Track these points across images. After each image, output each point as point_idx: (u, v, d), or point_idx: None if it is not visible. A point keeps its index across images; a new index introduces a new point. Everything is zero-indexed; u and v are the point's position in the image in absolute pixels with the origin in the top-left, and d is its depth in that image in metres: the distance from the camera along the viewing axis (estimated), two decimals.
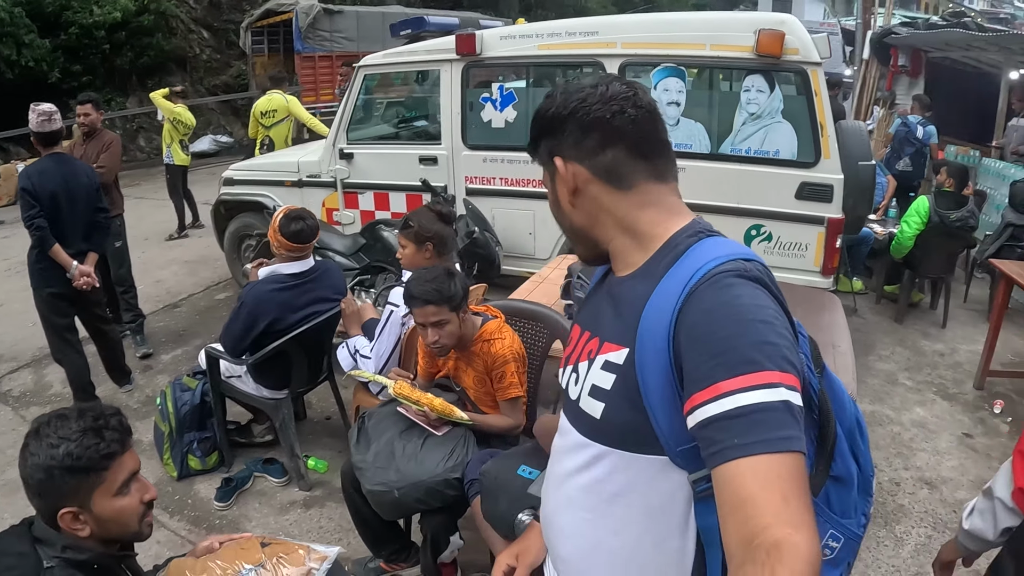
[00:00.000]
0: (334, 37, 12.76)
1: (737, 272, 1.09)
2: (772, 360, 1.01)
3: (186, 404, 3.85)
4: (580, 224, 1.32)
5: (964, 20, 10.50)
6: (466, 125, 5.34)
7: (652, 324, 1.14)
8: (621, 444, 1.22)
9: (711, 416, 1.01)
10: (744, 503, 0.96)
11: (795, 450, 0.98)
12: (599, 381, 1.23)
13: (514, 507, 2.18)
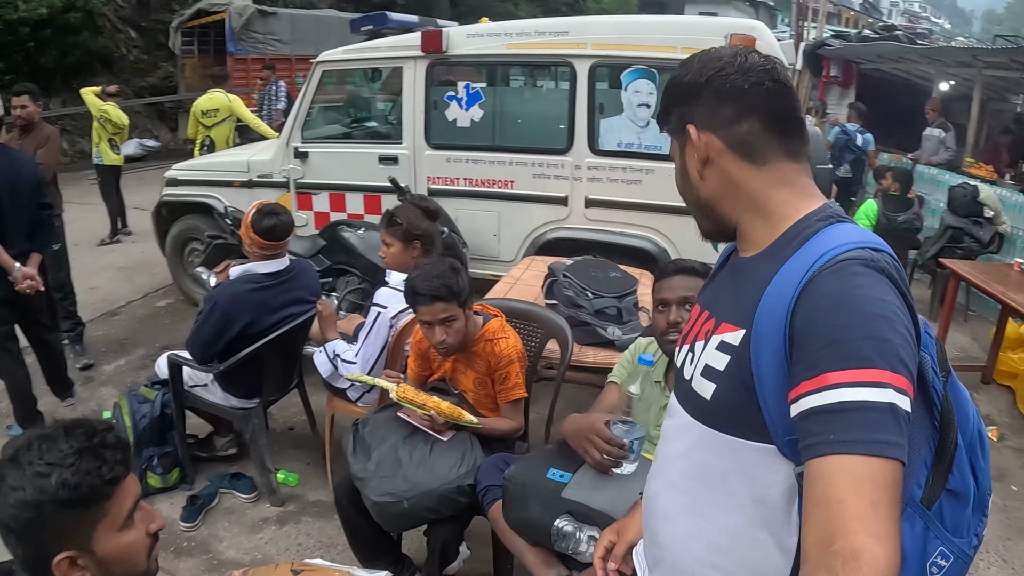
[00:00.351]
0: (267, 39, 12.43)
1: (863, 261, 1.03)
2: (885, 358, 0.96)
3: (145, 417, 3.54)
4: (707, 197, 1.25)
5: (896, 33, 10.87)
6: (430, 124, 5.17)
7: (771, 307, 1.09)
8: (728, 428, 1.17)
9: (813, 407, 0.98)
10: (830, 502, 0.93)
11: (894, 457, 0.93)
12: (713, 361, 1.19)
13: (548, 513, 2.10)
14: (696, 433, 1.24)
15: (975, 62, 9.02)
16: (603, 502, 2.06)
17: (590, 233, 5.03)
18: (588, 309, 3.40)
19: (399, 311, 3.24)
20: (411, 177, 5.22)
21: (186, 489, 3.61)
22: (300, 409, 4.13)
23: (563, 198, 5.04)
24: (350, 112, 7.04)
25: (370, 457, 2.59)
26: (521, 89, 6.92)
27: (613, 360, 3.26)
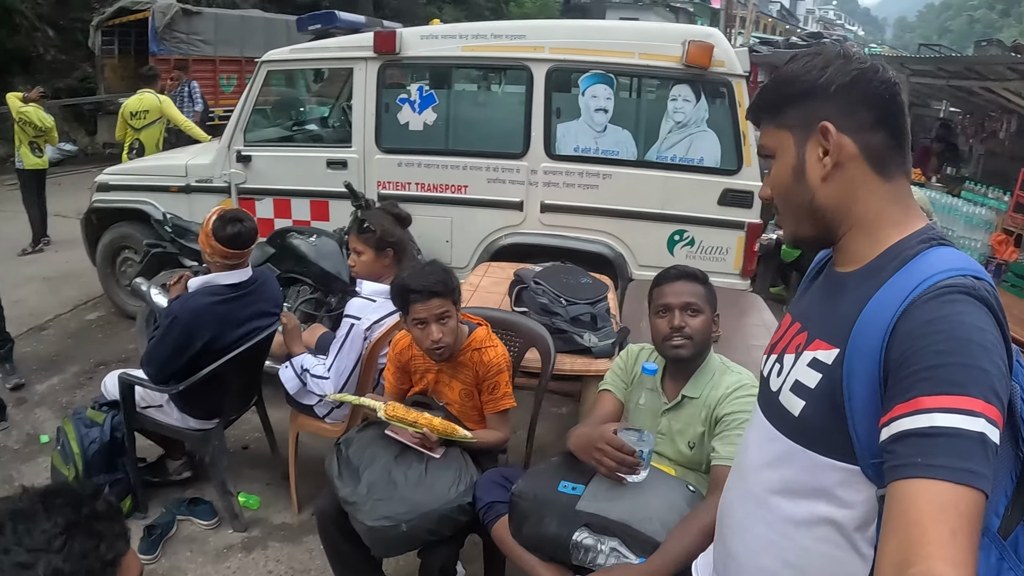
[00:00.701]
0: (191, 40, 11.97)
1: (964, 289, 1.03)
2: (979, 388, 0.96)
3: (95, 442, 3.26)
4: (823, 203, 1.21)
5: (823, 41, 11.18)
6: (381, 127, 5.01)
7: (868, 329, 1.09)
8: (814, 446, 1.18)
9: (903, 430, 0.98)
10: (910, 526, 0.92)
11: (979, 487, 0.92)
12: (803, 378, 1.20)
13: (565, 527, 2.04)
14: (780, 447, 1.24)
15: (903, 70, 9.32)
16: (621, 512, 2.01)
17: (546, 239, 4.97)
18: (564, 316, 3.33)
19: (373, 322, 3.10)
20: (361, 182, 5.04)
21: (140, 518, 3.36)
22: (253, 426, 3.95)
23: (518, 203, 4.96)
24: (296, 114, 6.81)
25: (360, 480, 2.44)
26: (476, 92, 6.83)
27: (590, 368, 3.23)
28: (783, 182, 1.25)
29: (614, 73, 4.74)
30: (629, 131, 4.85)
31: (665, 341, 2.31)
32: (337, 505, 2.50)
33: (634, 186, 4.79)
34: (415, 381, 2.86)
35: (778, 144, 1.24)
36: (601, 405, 2.47)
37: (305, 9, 19.20)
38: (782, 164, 1.24)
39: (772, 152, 1.25)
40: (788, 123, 1.22)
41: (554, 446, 4.14)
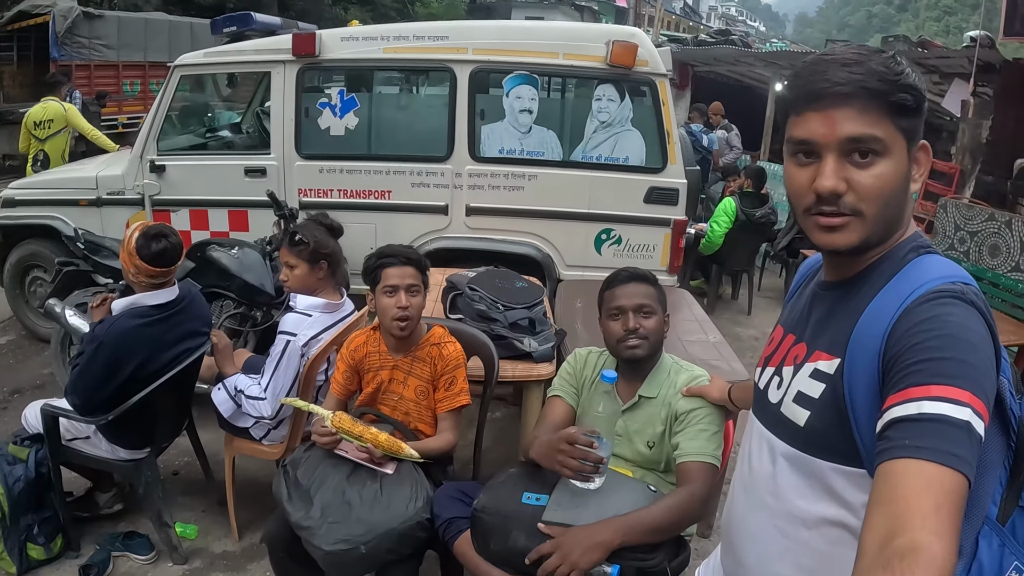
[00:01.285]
0: (93, 44, 11.46)
1: (954, 293, 1.10)
2: (966, 381, 1.00)
3: (19, 480, 3.05)
4: (903, 216, 1.24)
5: (731, 38, 11.47)
6: (301, 133, 4.89)
7: (865, 336, 1.15)
8: (821, 452, 1.22)
9: (893, 418, 1.01)
10: (896, 500, 0.95)
11: (962, 471, 0.95)
12: (807, 389, 1.24)
13: (534, 539, 2.04)
14: (788, 456, 1.28)
15: None
16: (588, 518, 2.02)
17: (472, 242, 4.96)
18: (503, 322, 3.30)
19: (310, 338, 3.02)
20: (281, 189, 4.91)
21: (72, 557, 3.19)
22: (182, 450, 3.79)
23: (443, 207, 4.92)
24: (209, 120, 6.58)
25: (312, 503, 2.37)
26: (398, 95, 6.73)
27: (532, 372, 3.22)
28: (893, 187, 1.17)
29: (538, 74, 4.77)
30: (554, 132, 4.88)
31: (620, 343, 2.34)
32: (288, 530, 2.43)
33: (560, 186, 4.82)
34: (367, 381, 2.82)
35: (892, 144, 1.15)
36: (552, 411, 2.47)
37: (209, 11, 18.72)
38: (896, 168, 1.16)
39: (876, 148, 1.14)
40: (903, 127, 1.16)
41: (493, 450, 4.13)
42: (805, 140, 1.18)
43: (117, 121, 11.55)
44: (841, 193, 1.15)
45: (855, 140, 1.13)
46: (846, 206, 1.16)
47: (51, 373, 4.73)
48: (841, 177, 1.15)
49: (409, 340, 2.76)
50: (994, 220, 6.44)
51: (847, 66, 1.14)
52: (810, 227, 1.22)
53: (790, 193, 1.25)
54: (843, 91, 1.13)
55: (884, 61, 1.15)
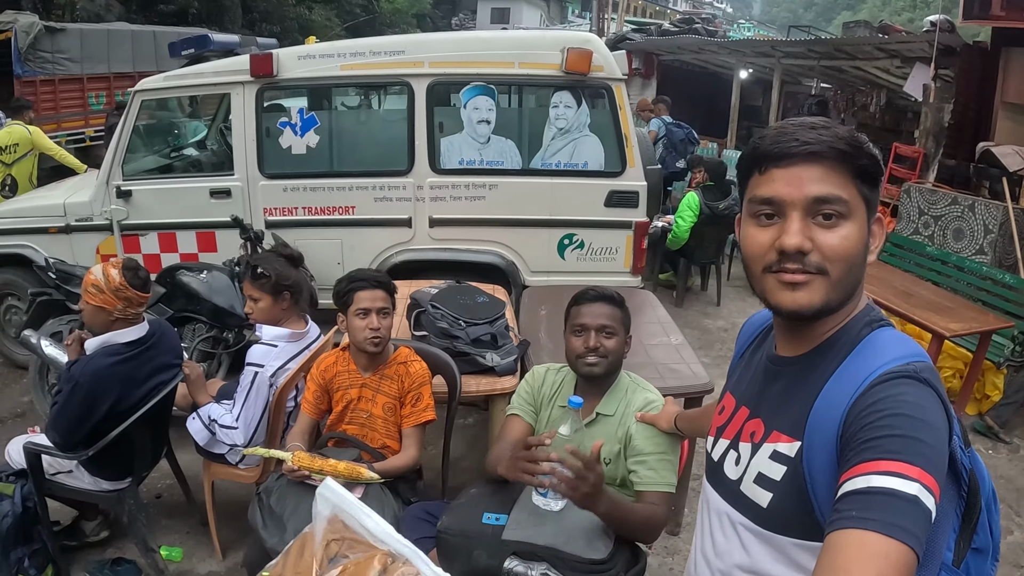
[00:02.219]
0: (56, 59, 11.34)
1: (907, 373, 1.11)
2: (916, 457, 1.01)
3: (7, 516, 3.14)
4: (860, 280, 1.23)
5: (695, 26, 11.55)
6: (263, 153, 4.96)
7: (823, 420, 1.16)
8: (785, 530, 1.23)
9: (844, 492, 1.03)
10: (838, 570, 0.96)
11: (909, 544, 0.96)
12: (767, 471, 1.25)
13: (495, 558, 2.14)
14: (751, 532, 1.28)
15: (774, 52, 9.72)
16: (547, 537, 2.12)
17: (436, 253, 5.07)
18: (464, 339, 3.42)
19: (277, 368, 3.13)
20: (246, 210, 5.00)
21: None
22: (164, 473, 3.87)
23: (407, 220, 5.03)
24: (173, 140, 6.61)
25: (285, 528, 2.50)
26: (358, 111, 6.79)
27: (496, 387, 3.33)
28: (857, 251, 1.17)
29: (495, 84, 4.85)
30: (513, 140, 4.97)
31: (579, 359, 2.45)
32: (265, 555, 2.54)
33: (521, 194, 4.94)
34: (337, 400, 2.96)
35: (856, 208, 1.16)
36: (510, 430, 2.58)
37: (171, 18, 18.64)
38: (859, 232, 1.17)
39: (841, 210, 1.15)
40: (865, 195, 1.18)
41: (466, 458, 4.26)
42: (770, 199, 1.17)
43: (85, 135, 11.49)
44: (807, 252, 1.15)
45: (821, 200, 1.14)
46: (811, 264, 1.15)
47: (30, 401, 4.79)
48: (806, 236, 1.15)
49: (378, 359, 2.92)
50: (957, 204, 6.59)
51: (815, 129, 1.16)
52: (770, 287, 1.20)
53: (747, 255, 1.23)
54: (812, 150, 1.14)
55: (848, 130, 1.19)
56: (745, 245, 1.23)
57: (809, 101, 12.38)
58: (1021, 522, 4.07)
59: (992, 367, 5.28)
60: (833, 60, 9.29)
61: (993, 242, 6.31)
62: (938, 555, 1.15)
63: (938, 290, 5.47)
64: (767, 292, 1.21)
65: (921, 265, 6.40)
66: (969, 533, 1.24)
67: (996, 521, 1.32)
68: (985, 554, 1.28)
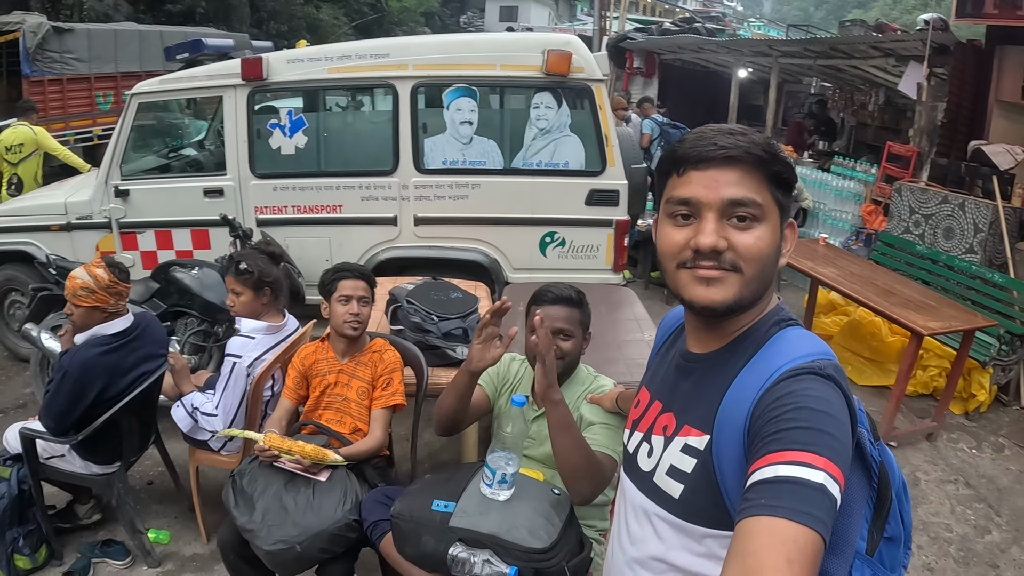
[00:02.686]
0: (64, 59, 11.54)
1: (811, 370, 1.16)
2: (821, 447, 1.05)
3: (3, 498, 3.35)
4: (771, 282, 1.28)
5: (695, 26, 11.61)
6: (254, 153, 5.12)
7: (731, 414, 1.20)
8: (697, 520, 1.27)
9: (752, 482, 1.06)
10: (748, 555, 0.98)
11: (816, 530, 0.99)
12: (678, 463, 1.29)
13: (441, 543, 2.25)
14: (665, 522, 1.33)
15: (772, 51, 9.77)
16: (490, 525, 2.22)
17: (421, 250, 5.21)
18: (436, 333, 3.58)
19: (255, 359, 3.30)
20: (238, 208, 5.18)
21: (56, 565, 3.50)
22: (156, 462, 4.06)
23: (392, 218, 5.17)
24: (171, 140, 6.79)
25: (255, 508, 2.67)
26: (344, 113, 6.95)
27: None
28: (770, 252, 1.23)
29: (477, 85, 4.98)
30: (495, 141, 5.10)
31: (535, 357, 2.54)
32: (236, 534, 2.74)
33: (503, 193, 5.06)
34: (315, 385, 3.15)
35: (770, 211, 1.22)
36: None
37: (178, 18, 18.78)
38: (773, 234, 1.23)
39: (755, 213, 1.21)
40: (779, 199, 1.24)
41: (446, 450, 4.39)
42: (687, 200, 1.21)
43: (92, 133, 11.70)
44: (721, 250, 1.19)
45: (737, 203, 1.19)
46: (726, 261, 1.20)
47: (32, 393, 4.99)
48: (721, 236, 1.19)
49: (354, 346, 3.13)
50: (948, 203, 6.53)
51: (733, 135, 1.21)
52: (684, 282, 1.23)
53: (662, 252, 1.27)
54: (729, 154, 1.18)
55: (765, 138, 1.23)
56: (661, 243, 1.27)
57: (809, 100, 12.42)
58: (1000, 522, 4.12)
59: (978, 366, 5.33)
60: (830, 59, 9.34)
61: (983, 241, 6.27)
62: (851, 544, 1.20)
63: (922, 288, 5.48)
64: (680, 287, 1.25)
65: (911, 264, 6.44)
66: (881, 523, 1.29)
67: (907, 511, 1.37)
68: (898, 543, 1.33)
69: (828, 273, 5.49)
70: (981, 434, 5.11)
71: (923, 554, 3.81)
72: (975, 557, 3.81)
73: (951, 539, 3.94)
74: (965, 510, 4.21)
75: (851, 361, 5.90)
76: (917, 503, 4.21)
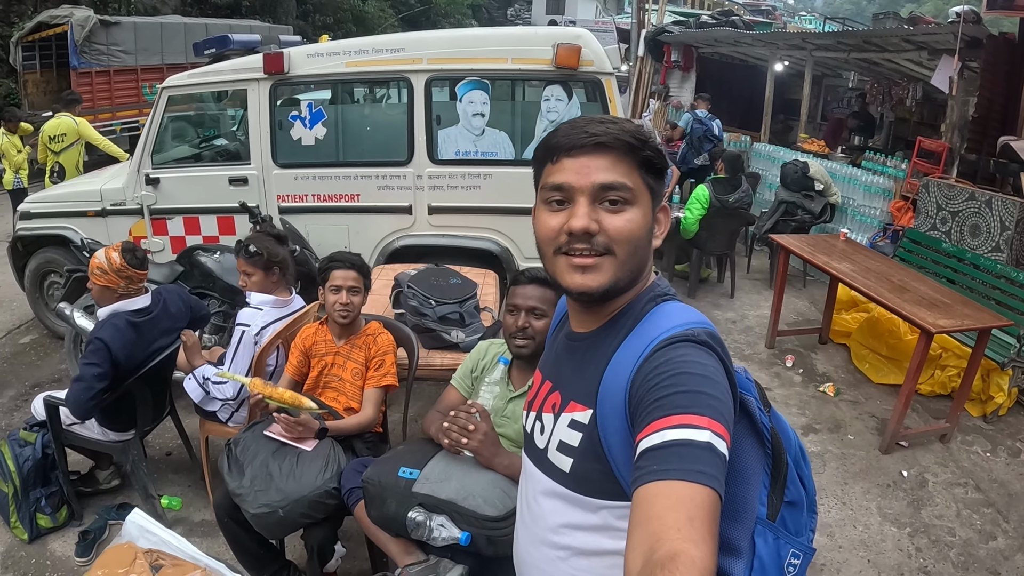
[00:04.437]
0: (111, 51, 11.96)
1: (685, 337, 1.19)
2: (702, 408, 1.09)
3: (28, 460, 3.65)
4: (646, 263, 1.33)
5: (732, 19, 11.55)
6: (276, 144, 5.33)
7: (611, 387, 1.24)
8: (590, 492, 1.31)
9: (641, 450, 1.08)
10: (651, 519, 1.00)
11: (710, 486, 1.02)
12: (566, 438, 1.33)
13: (403, 507, 2.38)
14: (560, 496, 1.36)
15: (806, 45, 9.68)
16: (449, 492, 2.35)
17: (435, 239, 5.37)
18: (432, 316, 3.73)
19: (261, 328, 3.53)
20: (261, 196, 5.40)
21: (76, 525, 3.76)
22: (175, 435, 4.30)
23: (407, 207, 5.34)
24: (198, 135, 7.05)
25: (244, 474, 2.87)
26: (362, 105, 7.14)
27: (458, 361, 3.53)
28: (641, 235, 1.27)
29: (489, 78, 5.11)
30: (506, 132, 5.23)
31: (511, 337, 2.67)
32: (229, 498, 2.93)
33: (514, 184, 5.17)
34: (314, 365, 3.35)
35: (640, 195, 1.26)
36: (446, 397, 2.90)
37: (225, 11, 19.12)
38: (644, 217, 1.27)
39: (626, 197, 1.25)
40: (650, 184, 1.28)
41: None
42: (560, 185, 1.25)
43: (139, 123, 12.08)
44: (593, 232, 1.23)
45: (607, 187, 1.23)
46: (599, 244, 1.24)
47: (66, 368, 5.28)
48: (593, 219, 1.23)
49: (350, 329, 3.31)
50: (974, 200, 6.40)
51: (604, 123, 1.25)
52: (561, 269, 1.28)
53: (539, 238, 1.31)
54: (599, 141, 1.23)
55: (635, 126, 1.28)
56: (537, 229, 1.31)
57: (849, 95, 12.26)
58: (1007, 528, 4.08)
59: (996, 367, 5.23)
60: (863, 52, 9.22)
61: (1009, 239, 6.12)
62: (752, 511, 1.25)
63: (938, 286, 5.36)
64: (558, 274, 1.29)
65: (937, 262, 6.34)
66: (780, 488, 1.34)
67: (808, 475, 1.43)
68: (799, 507, 1.38)
69: (843, 268, 5.47)
70: (997, 437, 5.02)
71: (921, 556, 3.79)
72: (976, 563, 3.76)
73: (953, 543, 3.90)
74: (972, 514, 4.15)
75: (868, 359, 5.90)
76: (921, 505, 4.19)
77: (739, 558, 1.22)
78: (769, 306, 6.43)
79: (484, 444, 2.37)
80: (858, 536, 3.92)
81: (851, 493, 4.26)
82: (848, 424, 5.04)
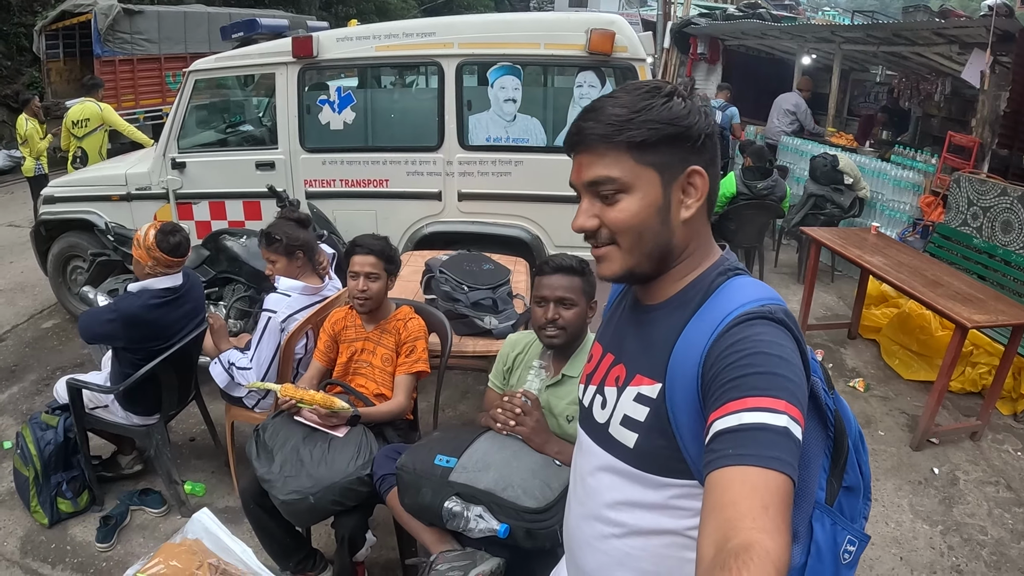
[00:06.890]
0: (135, 39, 11.97)
1: (761, 314, 1.16)
2: (780, 391, 1.06)
3: (50, 444, 3.57)
4: (678, 243, 1.28)
5: (759, 11, 11.39)
6: (304, 128, 5.26)
7: (682, 361, 1.20)
8: (653, 469, 1.28)
9: (716, 431, 1.06)
10: (725, 506, 0.98)
11: (785, 472, 1.00)
12: (632, 412, 1.29)
13: (438, 496, 2.32)
14: (620, 473, 1.33)
15: (834, 37, 9.55)
16: (487, 482, 2.28)
17: (465, 225, 5.28)
18: (465, 302, 3.65)
19: (288, 315, 3.43)
20: (288, 181, 5.33)
21: (97, 510, 3.69)
22: (199, 420, 4.25)
23: (437, 193, 5.25)
24: (224, 120, 7.01)
25: (273, 459, 2.78)
26: (391, 90, 7.06)
27: (491, 348, 3.53)
28: (642, 220, 1.23)
29: (521, 64, 5.01)
30: (538, 119, 5.13)
31: (541, 329, 2.60)
32: (256, 484, 2.85)
33: (545, 171, 5.09)
34: (343, 351, 3.27)
35: (635, 179, 1.22)
36: (487, 399, 2.88)
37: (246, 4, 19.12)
38: (643, 201, 1.23)
39: (620, 186, 1.22)
40: (655, 161, 1.22)
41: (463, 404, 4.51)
42: (572, 184, 1.29)
43: (162, 111, 12.11)
44: (595, 229, 1.25)
45: (594, 183, 1.23)
46: (603, 237, 1.25)
47: (89, 353, 5.21)
48: (592, 215, 1.25)
49: (378, 315, 3.22)
50: (1006, 195, 6.26)
51: (586, 114, 1.24)
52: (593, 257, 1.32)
53: None
54: (577, 140, 1.24)
55: (627, 102, 1.20)
56: None
57: (876, 90, 12.09)
58: None
59: None
60: (892, 46, 9.06)
61: None
62: (811, 494, 1.24)
63: (972, 281, 5.23)
64: None
65: (968, 258, 6.25)
66: (840, 472, 1.31)
67: (865, 461, 1.39)
68: (857, 492, 1.35)
69: (875, 262, 5.36)
70: None
71: (953, 555, 3.71)
72: (1008, 563, 3.69)
73: (985, 542, 3.82)
74: (1003, 513, 4.06)
75: (899, 354, 5.77)
76: (953, 503, 4.11)
77: (796, 542, 1.22)
78: (797, 300, 6.34)
79: (536, 431, 2.35)
80: (890, 533, 3.84)
81: (883, 489, 4.17)
82: (879, 420, 4.94)
